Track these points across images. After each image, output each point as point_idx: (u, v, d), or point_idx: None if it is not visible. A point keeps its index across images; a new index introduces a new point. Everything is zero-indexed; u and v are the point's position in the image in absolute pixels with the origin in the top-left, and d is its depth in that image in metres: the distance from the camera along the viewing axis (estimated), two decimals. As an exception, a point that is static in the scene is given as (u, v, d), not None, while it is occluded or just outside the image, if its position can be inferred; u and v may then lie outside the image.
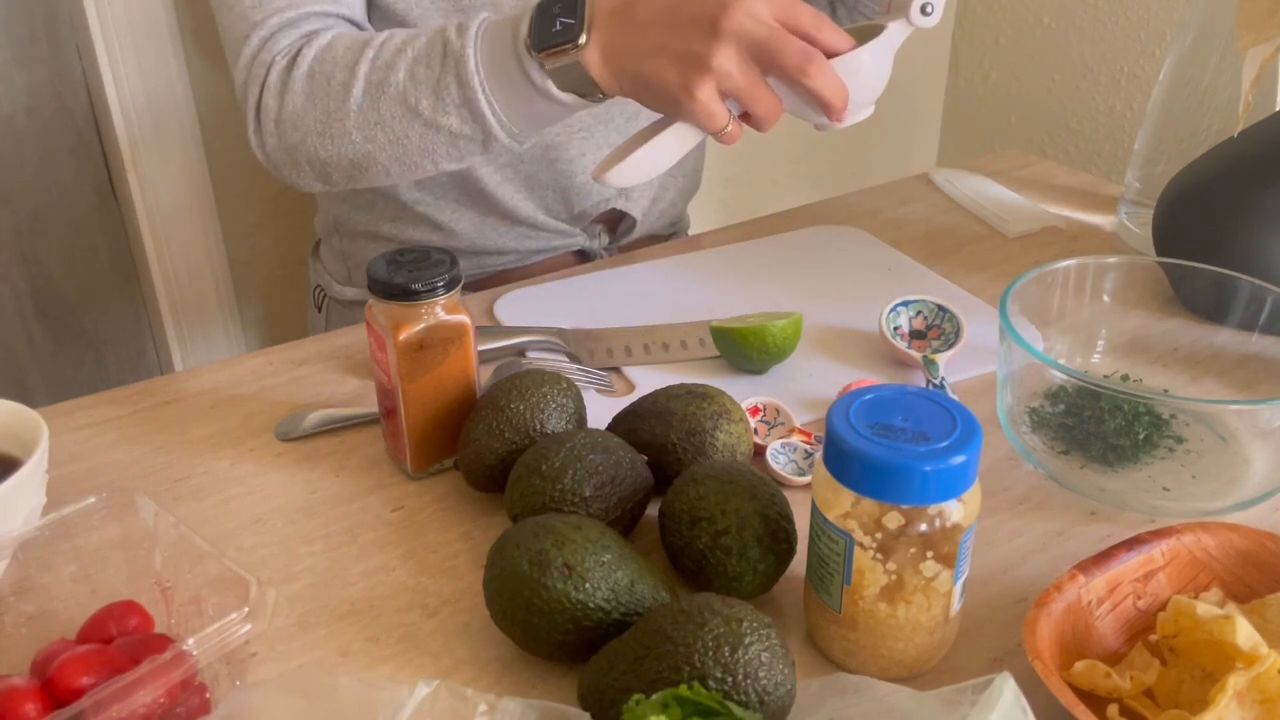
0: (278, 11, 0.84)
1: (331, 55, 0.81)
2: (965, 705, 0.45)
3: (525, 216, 1.02)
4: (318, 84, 0.80)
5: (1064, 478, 0.70)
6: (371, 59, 0.78)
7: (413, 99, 0.77)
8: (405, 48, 0.78)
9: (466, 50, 0.75)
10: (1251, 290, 0.75)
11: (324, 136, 0.81)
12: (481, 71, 0.75)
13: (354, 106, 0.79)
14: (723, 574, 0.58)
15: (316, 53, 0.81)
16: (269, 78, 0.82)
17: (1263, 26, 0.80)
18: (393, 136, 0.79)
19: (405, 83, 0.77)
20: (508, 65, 0.74)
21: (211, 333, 1.52)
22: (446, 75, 0.76)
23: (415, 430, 0.69)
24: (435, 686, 0.47)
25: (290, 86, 0.81)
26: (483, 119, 0.76)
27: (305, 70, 0.81)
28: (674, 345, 0.84)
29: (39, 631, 0.55)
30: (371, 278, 0.67)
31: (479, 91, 0.75)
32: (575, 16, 0.72)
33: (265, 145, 0.85)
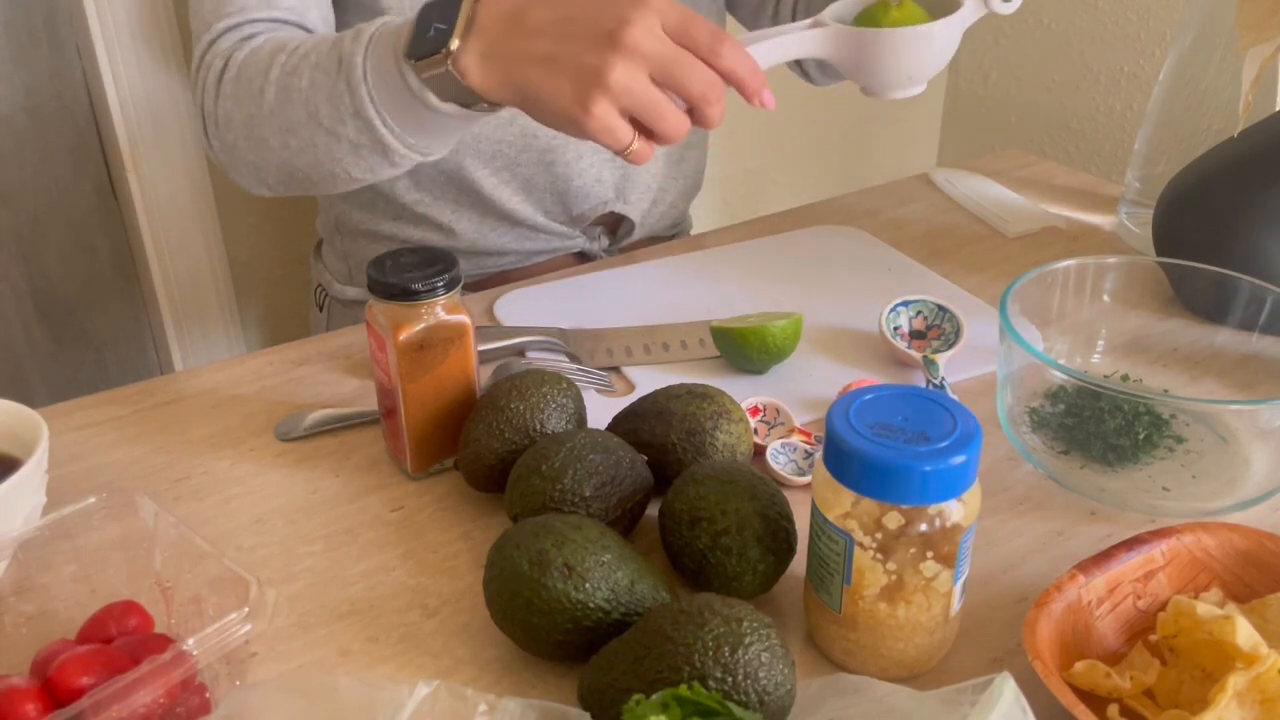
0: (226, 16, 0.84)
1: (255, 59, 0.80)
2: (965, 705, 0.45)
3: (524, 218, 1.02)
4: (241, 87, 0.80)
5: (1064, 478, 0.70)
6: (282, 63, 0.77)
7: (313, 105, 0.75)
8: (310, 52, 0.76)
9: (356, 58, 0.72)
10: (1251, 290, 0.75)
11: (250, 140, 0.80)
12: (369, 79, 0.72)
13: (267, 111, 0.78)
14: (723, 574, 0.58)
15: (245, 55, 0.80)
16: (207, 80, 0.82)
17: (1263, 26, 0.80)
18: (303, 144, 0.77)
19: (308, 89, 0.75)
20: (391, 74, 0.71)
21: (211, 333, 1.52)
22: (340, 83, 0.73)
23: (415, 430, 0.69)
24: (435, 686, 0.47)
25: (222, 90, 0.81)
26: (374, 129, 0.73)
27: (234, 74, 0.80)
28: (674, 345, 0.84)
29: (39, 631, 0.55)
30: (371, 278, 0.67)
31: (366, 100, 0.72)
32: (448, 22, 0.67)
33: (212, 147, 0.85)
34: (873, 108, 1.90)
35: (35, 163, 1.40)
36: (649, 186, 1.08)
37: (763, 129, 1.80)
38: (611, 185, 1.04)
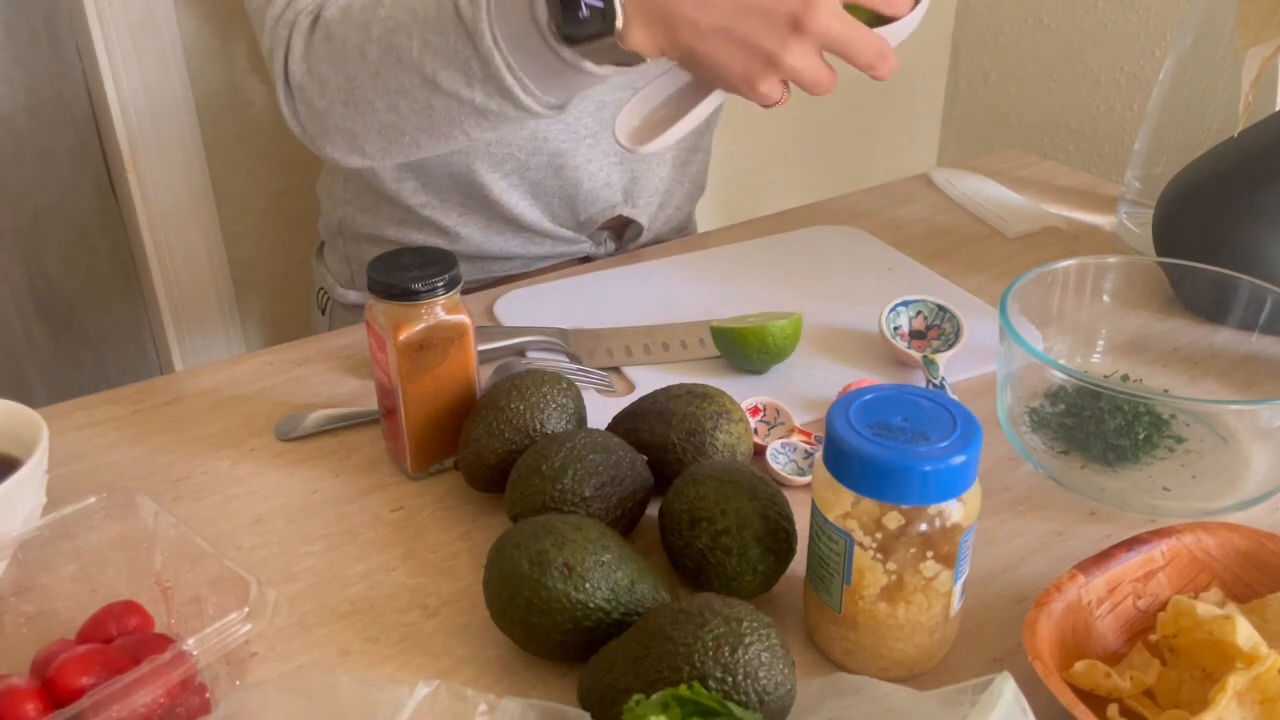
0: None
1: (348, 15, 0.76)
2: (965, 705, 0.45)
3: (531, 223, 1.02)
4: (336, 47, 0.75)
5: (1064, 478, 0.70)
6: (383, 20, 0.73)
7: (429, 70, 0.72)
8: (415, 6, 0.72)
9: (481, 24, 0.69)
10: (1251, 290, 0.75)
11: (348, 105, 0.77)
12: (503, 47, 0.69)
13: (371, 72, 0.74)
14: (723, 574, 0.58)
15: (335, 12, 0.76)
16: (292, 41, 0.78)
17: (1263, 26, 0.80)
18: (416, 105, 0.74)
19: (419, 51, 0.72)
20: (531, 44, 0.69)
21: (211, 333, 1.52)
22: (463, 47, 0.70)
23: (415, 430, 0.69)
24: (435, 686, 0.47)
25: (313, 51, 0.77)
26: (513, 95, 0.71)
27: (325, 32, 0.76)
28: (674, 345, 0.84)
29: (39, 631, 0.55)
30: (371, 278, 0.67)
31: (503, 69, 0.70)
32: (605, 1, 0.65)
33: (298, 115, 0.81)
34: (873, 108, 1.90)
35: (35, 163, 1.40)
36: (656, 190, 1.07)
37: (763, 129, 1.80)
38: (620, 189, 1.04)
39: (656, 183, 1.07)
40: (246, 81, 1.39)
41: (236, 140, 1.42)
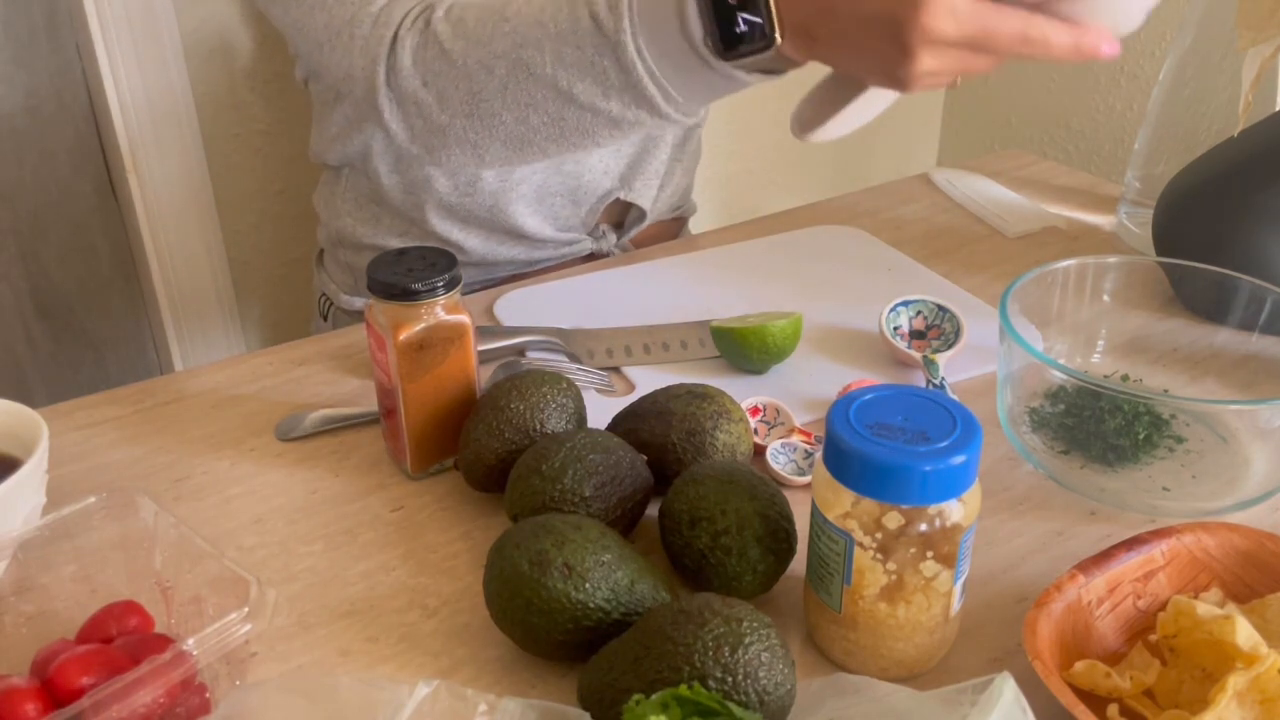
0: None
1: (464, 30, 0.74)
2: (965, 705, 0.45)
3: (532, 231, 1.01)
4: (455, 61, 0.74)
5: (1064, 478, 0.70)
6: (508, 34, 0.71)
7: (564, 83, 0.71)
8: (546, 20, 0.70)
9: (623, 36, 0.67)
10: (1251, 290, 0.75)
11: (473, 119, 0.75)
12: (646, 57, 0.68)
13: (499, 87, 0.73)
14: (723, 574, 0.58)
15: (449, 27, 0.74)
16: (398, 58, 0.76)
17: (1263, 26, 0.80)
18: (548, 118, 0.73)
19: (553, 64, 0.70)
20: (680, 56, 0.67)
21: (211, 333, 1.52)
22: (603, 59, 0.68)
23: (415, 430, 0.69)
24: (435, 686, 0.47)
25: (426, 64, 0.75)
26: (653, 105, 0.70)
27: (438, 47, 0.74)
28: (674, 345, 0.84)
29: (39, 631, 0.55)
30: (371, 278, 0.67)
31: (647, 80, 0.68)
32: (760, 13, 0.63)
33: (412, 128, 0.79)
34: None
35: (35, 163, 1.40)
36: (657, 172, 1.06)
37: (762, 129, 1.80)
38: (618, 175, 1.03)
39: (657, 165, 1.06)
40: (246, 81, 1.39)
41: (236, 140, 1.42)
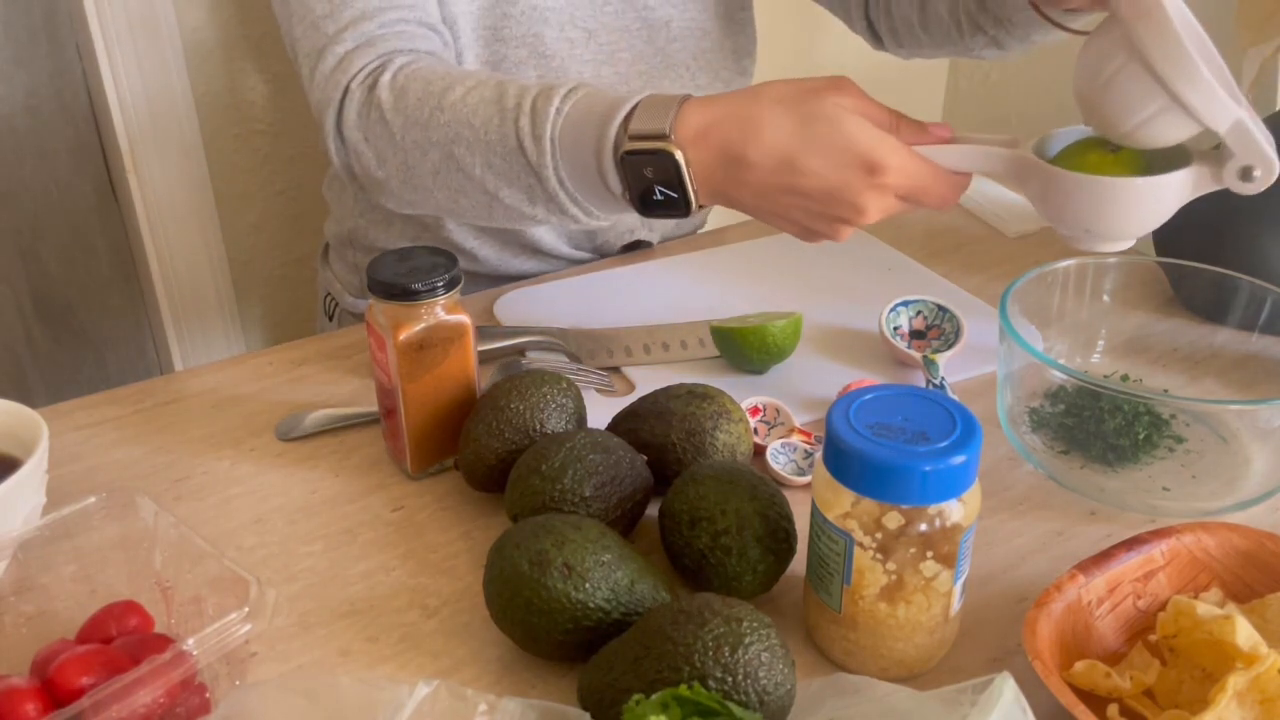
0: (351, 24, 0.79)
1: (405, 104, 0.76)
2: (965, 705, 0.45)
3: (548, 247, 1.01)
4: (394, 134, 0.76)
5: (1064, 478, 0.70)
6: (444, 126, 0.74)
7: (492, 187, 0.74)
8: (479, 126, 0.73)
9: (545, 170, 0.71)
10: (1251, 290, 0.75)
11: (406, 185, 0.78)
12: (568, 186, 0.71)
13: (431, 170, 0.76)
14: (723, 574, 0.58)
15: (391, 97, 0.76)
16: (346, 105, 0.79)
17: (1263, 26, 0.81)
18: (477, 205, 0.76)
19: (482, 169, 0.73)
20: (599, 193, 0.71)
21: (211, 333, 1.52)
22: (527, 177, 0.72)
23: (415, 430, 0.69)
24: (435, 686, 0.47)
25: (371, 127, 0.78)
26: (576, 219, 0.74)
27: (379, 115, 0.77)
28: (674, 345, 0.84)
29: (39, 631, 0.55)
30: (371, 278, 0.67)
31: (569, 203, 0.72)
32: (679, 191, 0.68)
33: (351, 169, 0.81)
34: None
35: (35, 163, 1.40)
36: None
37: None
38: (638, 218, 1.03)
39: None
40: (246, 81, 1.39)
41: (236, 140, 1.42)
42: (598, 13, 0.93)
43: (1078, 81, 0.64)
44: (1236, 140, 0.59)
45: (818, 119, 0.65)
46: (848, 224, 0.68)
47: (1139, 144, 0.62)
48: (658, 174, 0.67)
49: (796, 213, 0.68)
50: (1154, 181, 0.61)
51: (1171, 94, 0.58)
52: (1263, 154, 0.59)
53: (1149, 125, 0.60)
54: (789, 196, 0.67)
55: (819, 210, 0.67)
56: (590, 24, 0.93)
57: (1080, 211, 0.63)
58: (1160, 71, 0.58)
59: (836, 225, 0.68)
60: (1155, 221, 0.64)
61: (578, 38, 0.92)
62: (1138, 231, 0.64)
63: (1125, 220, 0.63)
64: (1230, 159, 0.60)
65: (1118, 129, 0.62)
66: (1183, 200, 0.62)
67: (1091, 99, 0.63)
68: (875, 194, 0.66)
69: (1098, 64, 0.61)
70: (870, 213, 0.66)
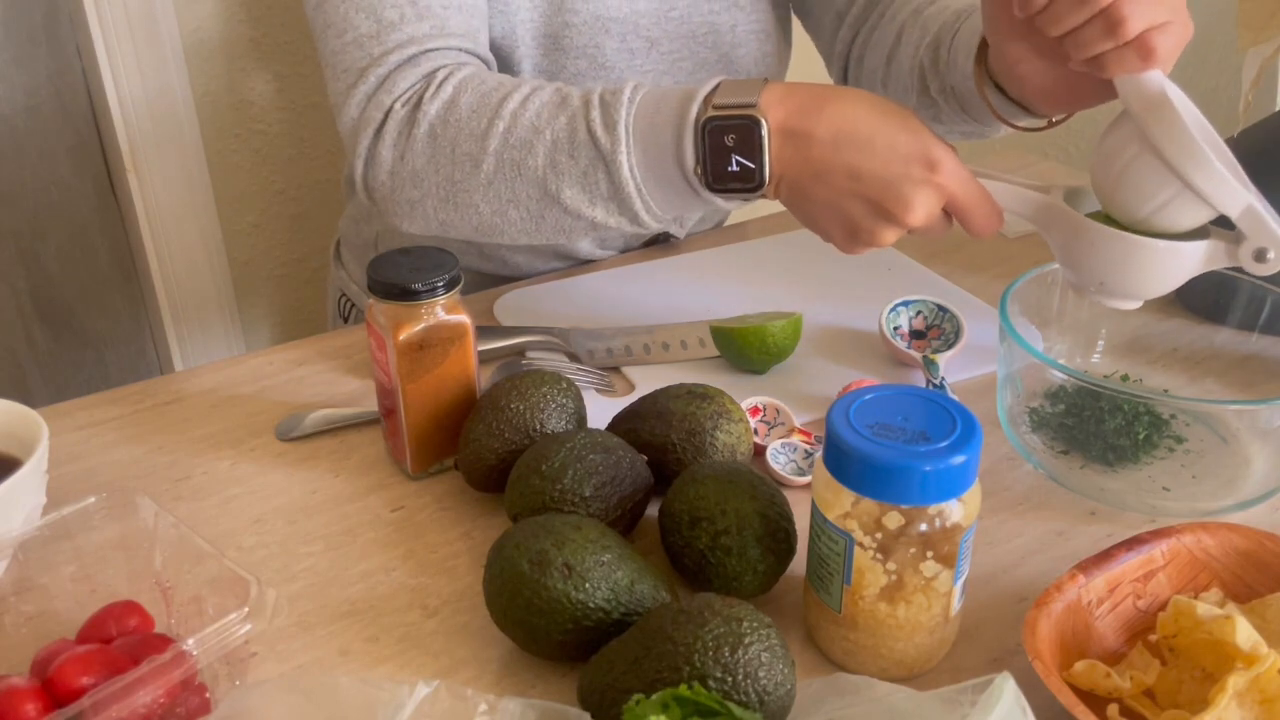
0: (398, 47, 0.77)
1: (455, 116, 0.74)
2: (965, 705, 0.45)
3: (585, 253, 1.01)
4: (441, 148, 0.75)
5: (1064, 478, 0.70)
6: (503, 134, 0.73)
7: (553, 187, 0.73)
8: (542, 127, 0.72)
9: (619, 155, 0.70)
10: (1251, 290, 0.75)
11: (447, 202, 0.76)
12: (637, 175, 0.71)
13: (484, 180, 0.74)
14: (723, 574, 0.58)
15: (439, 109, 0.75)
16: (386, 126, 0.77)
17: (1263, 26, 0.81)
18: (527, 214, 0.75)
19: (545, 169, 0.72)
20: (669, 176, 0.71)
21: (211, 333, 1.52)
22: (595, 172, 0.71)
23: (415, 430, 0.69)
24: (435, 686, 0.47)
25: (412, 145, 0.76)
26: (636, 216, 0.73)
27: (426, 129, 0.75)
28: (674, 345, 0.84)
29: (39, 631, 0.55)
30: (371, 278, 0.67)
31: (635, 195, 0.71)
32: (756, 161, 0.68)
33: (375, 193, 0.79)
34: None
35: (35, 163, 1.40)
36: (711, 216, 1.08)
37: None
38: None
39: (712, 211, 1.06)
40: (246, 81, 1.39)
41: (236, 140, 1.42)
42: (662, 20, 0.92)
43: (1094, 172, 0.66)
44: (1249, 225, 0.61)
45: (890, 112, 0.67)
46: (892, 222, 0.67)
47: (1155, 230, 0.64)
48: (739, 143, 0.68)
49: (848, 201, 0.68)
50: (1175, 246, 0.64)
51: (1184, 181, 0.61)
52: (1275, 238, 0.61)
53: (1163, 212, 0.63)
54: (847, 180, 0.67)
55: (872, 197, 0.67)
56: (654, 32, 0.92)
57: (1099, 265, 0.66)
58: (1171, 160, 0.61)
59: (881, 223, 0.68)
60: (1166, 287, 0.66)
61: (639, 47, 0.92)
62: (1148, 293, 0.66)
63: (1140, 280, 0.65)
64: (1244, 241, 0.62)
65: (1134, 215, 0.64)
66: (1196, 271, 0.65)
67: (1108, 188, 0.65)
68: (927, 190, 0.66)
69: (1112, 155, 0.64)
70: (916, 209, 0.66)
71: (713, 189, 0.70)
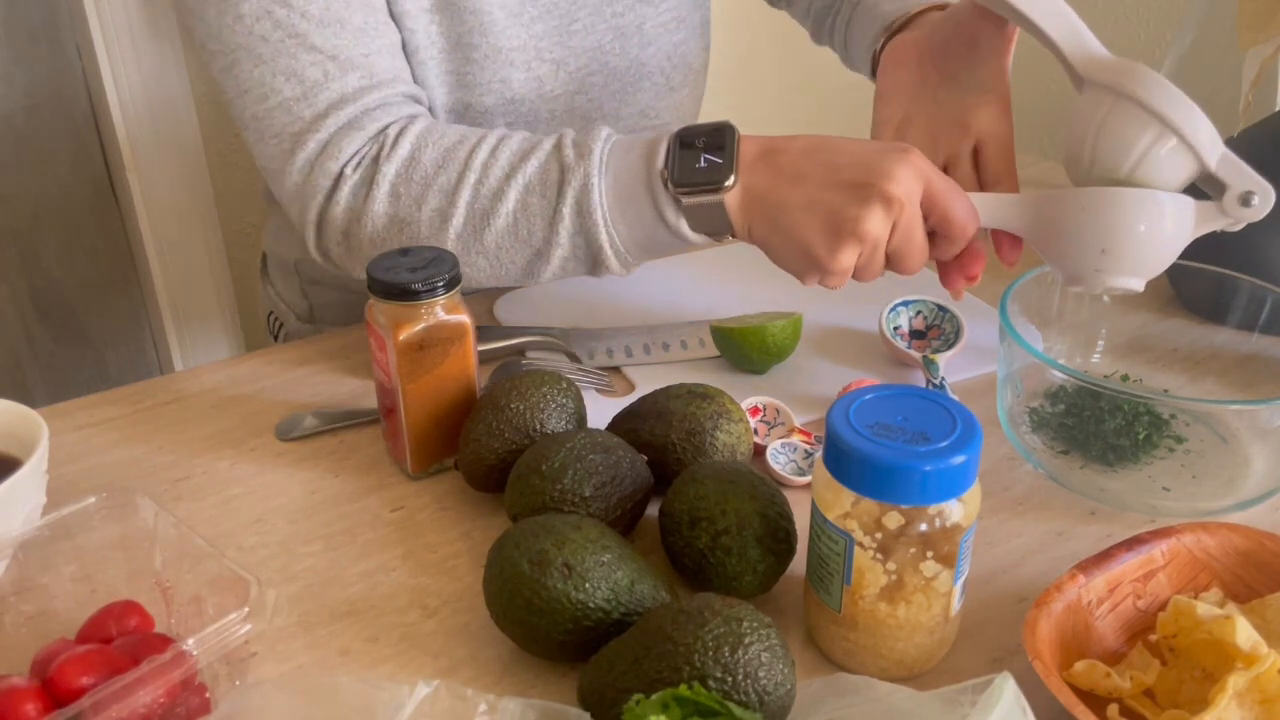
0: (332, 108, 0.74)
1: (420, 174, 0.73)
2: (965, 705, 0.45)
3: None
4: (405, 206, 0.73)
5: (1064, 478, 0.70)
6: (474, 185, 0.72)
7: (524, 230, 0.72)
8: (514, 172, 0.71)
9: (591, 180, 0.70)
10: (1251, 290, 0.75)
11: None
12: (605, 202, 0.70)
13: (453, 235, 0.73)
14: (723, 574, 0.58)
15: (399, 168, 0.73)
16: (338, 191, 0.74)
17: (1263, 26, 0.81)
18: (494, 263, 0.74)
19: (516, 212, 0.71)
20: (637, 196, 0.70)
21: (211, 333, 1.52)
22: (564, 206, 0.70)
23: (415, 430, 0.69)
24: (435, 686, 0.47)
25: (370, 206, 0.73)
26: (599, 250, 0.72)
27: (388, 190, 0.73)
28: (674, 345, 0.84)
29: (39, 631, 0.55)
30: (371, 277, 0.67)
31: (601, 225, 0.71)
32: (723, 155, 0.67)
33: (330, 255, 0.78)
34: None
35: (35, 163, 1.40)
36: None
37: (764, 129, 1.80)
38: None
39: None
40: (246, 81, 1.39)
41: (236, 140, 1.42)
42: (564, 38, 0.89)
43: (1069, 145, 0.66)
44: (1229, 171, 0.62)
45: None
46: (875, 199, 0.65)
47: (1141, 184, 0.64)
48: (709, 142, 0.68)
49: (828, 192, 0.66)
50: (1176, 197, 0.63)
51: (1161, 119, 0.62)
52: (1256, 180, 0.62)
53: (1146, 162, 0.63)
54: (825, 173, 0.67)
55: (854, 179, 0.66)
56: (557, 53, 0.89)
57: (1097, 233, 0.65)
58: (1145, 99, 0.62)
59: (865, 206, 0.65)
60: (1161, 254, 0.65)
61: (546, 73, 0.88)
62: (1149, 261, 0.65)
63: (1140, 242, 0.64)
64: (1227, 190, 0.62)
65: (1118, 171, 0.64)
66: (1188, 233, 0.65)
67: (1086, 153, 0.65)
68: (907, 164, 0.65)
69: (1087, 116, 0.65)
70: (900, 178, 0.65)
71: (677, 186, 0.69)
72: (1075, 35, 0.67)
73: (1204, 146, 0.61)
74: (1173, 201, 0.64)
